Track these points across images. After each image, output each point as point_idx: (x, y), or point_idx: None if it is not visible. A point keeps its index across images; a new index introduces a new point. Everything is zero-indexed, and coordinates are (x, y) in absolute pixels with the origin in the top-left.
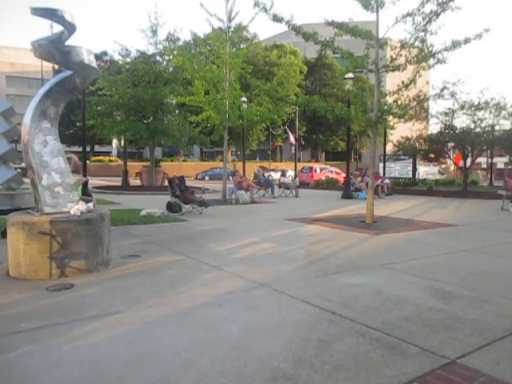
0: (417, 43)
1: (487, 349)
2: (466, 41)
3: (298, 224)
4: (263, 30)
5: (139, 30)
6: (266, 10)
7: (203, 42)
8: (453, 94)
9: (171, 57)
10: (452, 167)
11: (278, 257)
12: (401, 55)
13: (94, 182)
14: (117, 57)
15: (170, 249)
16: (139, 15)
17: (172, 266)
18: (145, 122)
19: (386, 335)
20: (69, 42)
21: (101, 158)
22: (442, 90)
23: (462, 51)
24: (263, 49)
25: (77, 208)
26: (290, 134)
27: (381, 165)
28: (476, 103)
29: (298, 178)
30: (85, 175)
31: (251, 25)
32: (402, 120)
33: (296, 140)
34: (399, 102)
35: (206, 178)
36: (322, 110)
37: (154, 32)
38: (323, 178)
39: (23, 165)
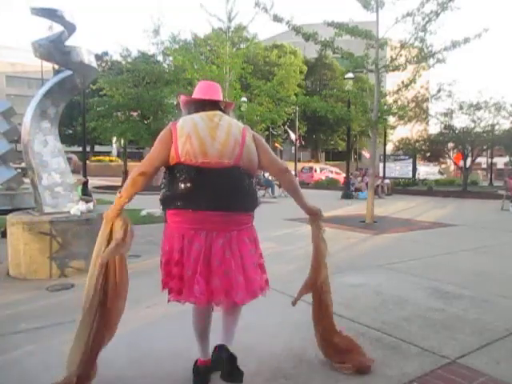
0: (417, 43)
1: (487, 349)
2: (466, 40)
3: (298, 224)
4: (263, 30)
5: (141, 31)
6: (266, 10)
7: (203, 42)
8: (450, 95)
9: (172, 58)
10: (452, 167)
11: (277, 257)
12: (401, 55)
13: (94, 182)
14: (118, 57)
15: None
16: (138, 15)
17: None
18: (145, 122)
19: (386, 335)
20: (69, 42)
21: (101, 158)
22: (438, 92)
23: (461, 52)
24: (263, 49)
25: (77, 208)
26: (290, 133)
27: (381, 165)
28: (475, 103)
29: (297, 178)
30: (85, 175)
31: (251, 25)
32: (402, 122)
33: (297, 139)
34: (399, 103)
35: None
36: (322, 110)
37: (156, 31)
38: (323, 178)
39: (23, 165)
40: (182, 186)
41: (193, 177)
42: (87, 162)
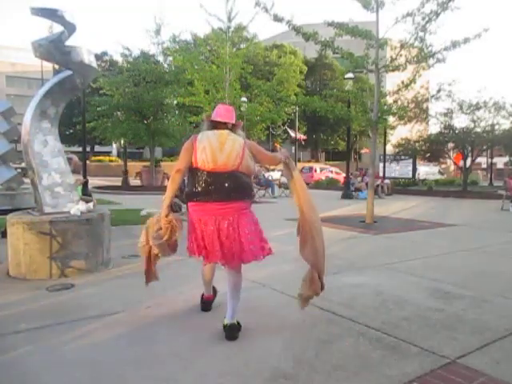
0: (416, 43)
1: (487, 349)
2: (466, 40)
3: None
4: (263, 30)
5: (142, 31)
6: (266, 10)
7: (203, 42)
8: (450, 95)
9: (171, 58)
10: (452, 167)
11: (278, 257)
12: (401, 55)
13: (94, 181)
14: (119, 57)
15: None
16: (138, 15)
17: (172, 266)
18: (145, 122)
19: (386, 335)
20: (69, 42)
21: (101, 158)
22: (438, 92)
23: (461, 52)
24: (263, 49)
25: (77, 208)
26: (290, 132)
27: (381, 165)
28: (474, 103)
29: None
30: (85, 175)
31: (251, 25)
32: (402, 122)
33: (297, 138)
34: (399, 103)
35: None
36: (322, 110)
37: (158, 31)
38: (323, 178)
39: (23, 165)
40: (199, 185)
41: (206, 178)
42: (87, 162)
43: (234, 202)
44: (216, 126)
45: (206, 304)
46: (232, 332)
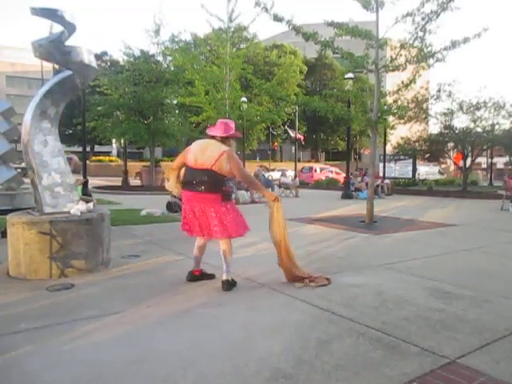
0: (416, 43)
1: (487, 349)
2: (465, 40)
3: (298, 224)
4: (263, 30)
5: (142, 31)
6: (266, 10)
7: (203, 42)
8: (450, 95)
9: (171, 58)
10: (452, 167)
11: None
12: (401, 55)
13: (94, 181)
14: (121, 56)
15: (170, 249)
16: (138, 15)
17: (172, 266)
18: (145, 122)
19: (386, 335)
20: (69, 42)
21: (101, 158)
22: (438, 92)
23: (461, 51)
24: (263, 49)
25: (77, 208)
26: (290, 132)
27: (381, 165)
28: (474, 103)
29: (297, 178)
30: (85, 175)
31: (251, 25)
32: (402, 121)
33: (297, 138)
34: (399, 102)
35: None
36: (322, 110)
37: (157, 32)
38: (323, 178)
39: (23, 165)
40: (186, 177)
41: (190, 172)
42: (87, 162)
43: (204, 192)
44: (211, 136)
45: (190, 275)
46: (226, 285)
